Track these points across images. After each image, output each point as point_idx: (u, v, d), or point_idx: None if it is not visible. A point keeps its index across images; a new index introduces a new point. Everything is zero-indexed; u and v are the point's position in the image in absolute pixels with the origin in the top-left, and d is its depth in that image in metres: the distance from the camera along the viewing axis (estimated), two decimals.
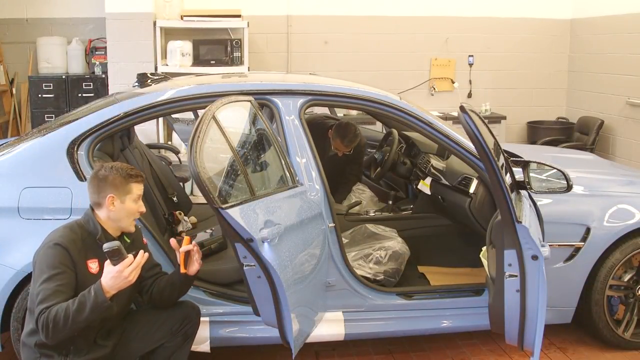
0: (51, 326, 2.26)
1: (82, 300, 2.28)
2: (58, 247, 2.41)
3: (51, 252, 2.40)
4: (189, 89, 3.22)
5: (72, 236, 2.46)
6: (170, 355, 2.77)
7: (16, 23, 6.82)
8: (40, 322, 2.28)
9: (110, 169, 2.55)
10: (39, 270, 2.39)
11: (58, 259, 2.38)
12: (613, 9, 6.72)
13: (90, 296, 2.28)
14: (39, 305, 2.30)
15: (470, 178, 3.42)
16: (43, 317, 2.27)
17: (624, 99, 6.57)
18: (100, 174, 2.55)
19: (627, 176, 3.95)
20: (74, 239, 2.46)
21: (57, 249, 2.40)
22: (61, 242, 2.42)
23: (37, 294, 2.33)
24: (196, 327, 2.83)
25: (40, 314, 2.28)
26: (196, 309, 2.84)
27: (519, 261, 2.65)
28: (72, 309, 2.26)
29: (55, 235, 2.46)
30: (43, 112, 6.47)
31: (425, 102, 6.95)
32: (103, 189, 2.53)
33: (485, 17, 7.32)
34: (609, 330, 3.41)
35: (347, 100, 3.30)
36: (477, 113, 2.63)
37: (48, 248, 2.41)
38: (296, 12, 7.02)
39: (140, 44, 6.27)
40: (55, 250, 2.40)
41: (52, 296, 2.31)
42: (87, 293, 2.30)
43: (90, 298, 2.27)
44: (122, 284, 2.32)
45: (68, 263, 2.40)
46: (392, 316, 3.26)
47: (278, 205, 2.74)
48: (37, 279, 2.37)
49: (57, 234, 2.47)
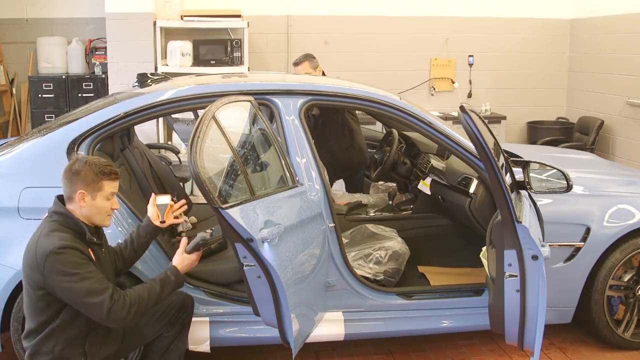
0: (135, 308, 2.41)
1: (163, 286, 2.54)
2: (68, 249, 2.34)
3: (65, 256, 2.33)
4: (189, 89, 3.22)
5: (67, 236, 2.41)
6: (169, 344, 2.82)
7: (16, 23, 6.82)
8: (118, 307, 2.35)
9: (84, 163, 2.46)
10: (66, 275, 2.32)
11: (77, 256, 2.36)
12: (613, 9, 6.72)
13: (171, 280, 2.57)
14: (99, 296, 2.33)
15: (470, 178, 3.41)
16: (121, 303, 2.37)
17: (624, 99, 6.57)
18: (73, 167, 2.46)
19: (627, 176, 3.95)
20: (71, 238, 2.42)
21: (68, 251, 2.34)
22: (65, 244, 2.35)
23: (85, 292, 2.32)
24: (191, 316, 2.90)
25: (112, 301, 2.34)
26: (190, 297, 2.92)
27: (519, 261, 2.65)
28: (155, 292, 2.49)
29: (53, 241, 2.36)
30: (43, 112, 6.47)
31: (425, 102, 6.94)
32: (75, 183, 2.44)
33: (485, 17, 7.32)
34: (609, 330, 3.41)
35: (347, 100, 3.30)
36: (477, 113, 2.63)
37: (58, 255, 2.32)
38: (296, 12, 7.02)
39: (140, 44, 6.27)
40: (68, 252, 2.34)
41: (104, 285, 2.37)
42: (167, 280, 2.56)
43: (171, 282, 2.57)
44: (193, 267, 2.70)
45: (85, 257, 2.39)
46: (392, 316, 3.26)
47: (278, 205, 2.74)
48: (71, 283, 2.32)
49: (52, 240, 2.36)
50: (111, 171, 2.50)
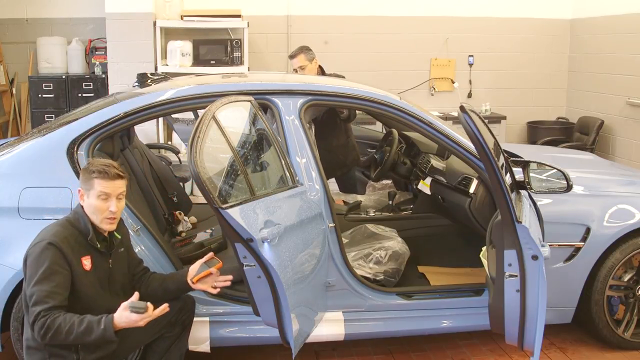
0: (50, 334, 2.28)
1: (90, 327, 2.30)
2: (51, 246, 2.38)
3: (44, 252, 2.37)
4: (189, 89, 3.22)
5: (64, 233, 2.44)
6: (170, 345, 2.83)
7: (16, 23, 6.82)
8: (39, 325, 2.28)
9: (89, 162, 2.58)
10: (32, 269, 2.36)
11: (51, 258, 2.36)
12: (613, 9, 6.72)
13: (100, 329, 2.30)
14: (35, 306, 2.30)
15: (470, 178, 3.41)
16: (42, 321, 2.28)
17: (624, 99, 6.57)
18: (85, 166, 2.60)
19: (627, 176, 3.95)
20: (66, 237, 2.44)
21: (50, 248, 2.37)
22: (54, 241, 2.39)
23: (31, 295, 2.32)
24: (192, 316, 2.89)
25: (38, 317, 2.28)
26: (191, 298, 2.90)
27: (519, 261, 2.65)
28: (78, 330, 2.29)
29: (47, 234, 2.43)
30: (43, 112, 6.47)
31: (425, 102, 6.94)
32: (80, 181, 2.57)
33: (485, 17, 7.32)
34: (609, 330, 3.41)
35: (347, 100, 3.30)
36: (477, 113, 2.63)
37: (40, 248, 2.38)
38: (296, 12, 7.02)
39: (140, 44, 6.27)
40: (48, 250, 2.37)
41: (48, 298, 2.31)
42: (97, 324, 2.31)
43: (99, 330, 2.30)
44: (132, 326, 2.36)
45: (62, 262, 2.39)
46: (392, 316, 3.26)
47: (278, 205, 2.74)
48: (30, 279, 2.35)
49: (49, 232, 2.44)
50: (101, 170, 2.49)
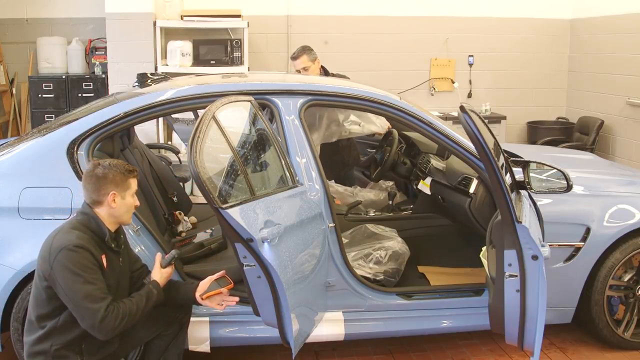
0: (126, 320, 2.45)
1: (150, 297, 2.59)
2: (82, 249, 2.41)
3: (77, 255, 2.40)
4: (189, 89, 3.22)
5: (85, 237, 2.47)
6: (168, 344, 2.84)
7: (16, 23, 6.82)
8: (112, 317, 2.40)
9: (108, 166, 2.56)
10: (72, 273, 2.38)
11: (89, 259, 2.42)
12: (613, 9, 6.72)
13: (154, 293, 2.61)
14: (95, 303, 2.38)
15: (470, 178, 3.41)
16: (115, 313, 2.42)
17: (624, 99, 6.57)
18: (98, 172, 2.55)
19: (627, 176, 3.95)
20: (88, 240, 2.47)
21: (81, 251, 2.41)
22: (81, 244, 2.42)
23: (86, 296, 2.38)
24: (190, 315, 2.91)
25: (107, 311, 2.40)
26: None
27: (519, 261, 2.65)
28: (142, 304, 2.54)
29: (71, 238, 2.43)
30: (43, 112, 6.47)
31: (425, 102, 6.94)
32: (104, 186, 2.53)
33: (485, 17, 7.32)
34: (609, 330, 3.41)
35: (347, 100, 3.30)
36: (477, 113, 2.63)
37: (71, 252, 2.39)
38: (296, 12, 7.01)
39: (140, 44, 6.27)
40: (81, 252, 2.41)
41: (103, 294, 2.43)
42: (150, 291, 2.61)
43: (154, 295, 2.61)
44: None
45: (95, 262, 2.45)
46: (392, 316, 3.26)
47: (278, 205, 2.74)
48: (73, 282, 2.37)
49: (70, 236, 2.44)
50: (133, 169, 2.66)
